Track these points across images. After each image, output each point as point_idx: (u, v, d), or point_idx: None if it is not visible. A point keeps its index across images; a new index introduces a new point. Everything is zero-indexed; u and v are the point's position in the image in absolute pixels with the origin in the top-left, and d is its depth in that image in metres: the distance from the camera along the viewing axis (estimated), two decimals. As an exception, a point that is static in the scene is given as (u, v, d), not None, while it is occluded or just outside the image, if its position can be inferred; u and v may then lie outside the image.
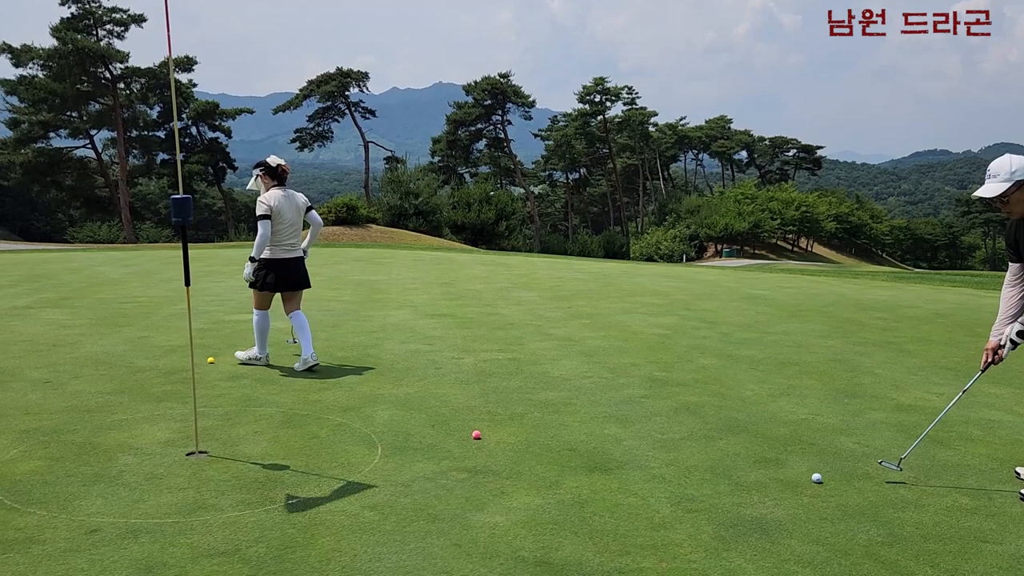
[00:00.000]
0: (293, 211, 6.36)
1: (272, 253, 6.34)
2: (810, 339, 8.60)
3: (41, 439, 4.44)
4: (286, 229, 6.32)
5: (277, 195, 6.30)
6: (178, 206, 4.16)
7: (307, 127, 70.04)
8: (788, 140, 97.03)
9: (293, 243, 6.41)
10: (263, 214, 6.21)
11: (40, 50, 51.68)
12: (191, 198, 4.32)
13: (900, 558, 3.19)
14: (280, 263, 6.34)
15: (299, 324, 6.43)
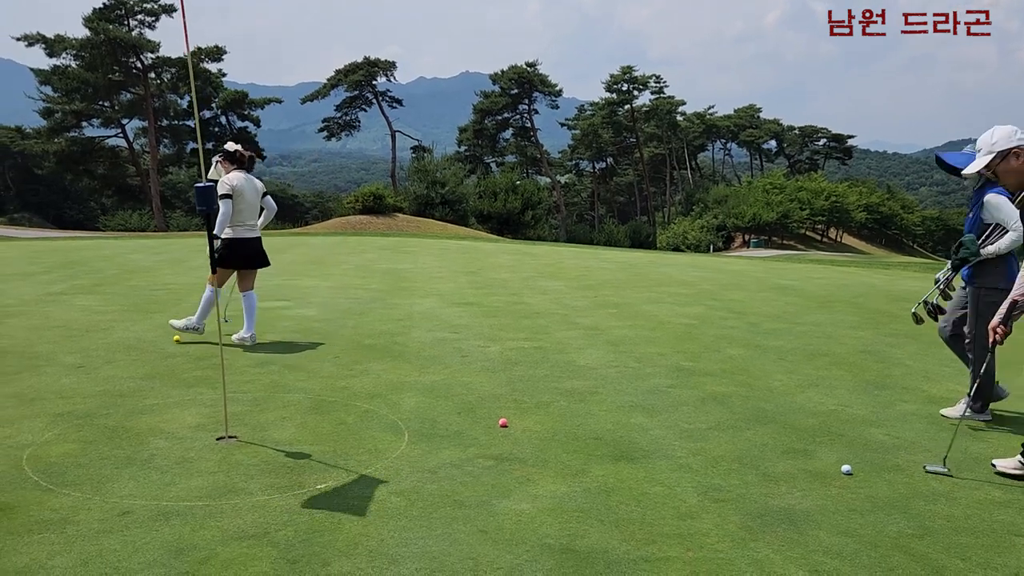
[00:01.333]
0: (253, 193, 6.76)
1: (235, 232, 6.68)
2: (840, 330, 8.50)
3: (75, 422, 4.52)
4: (247, 210, 6.70)
5: (239, 177, 6.69)
6: (202, 194, 4.21)
7: (335, 116, 70.35)
8: (818, 129, 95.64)
9: (253, 223, 6.80)
10: (225, 193, 6.52)
11: (73, 40, 52.42)
12: (214, 186, 4.37)
13: (930, 551, 3.15)
14: (241, 242, 6.71)
15: (249, 304, 6.86)
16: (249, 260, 6.87)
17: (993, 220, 4.71)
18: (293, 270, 13.41)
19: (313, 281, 11.76)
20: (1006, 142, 3.73)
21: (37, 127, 57.10)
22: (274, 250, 18.37)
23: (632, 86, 74.74)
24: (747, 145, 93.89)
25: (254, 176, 6.94)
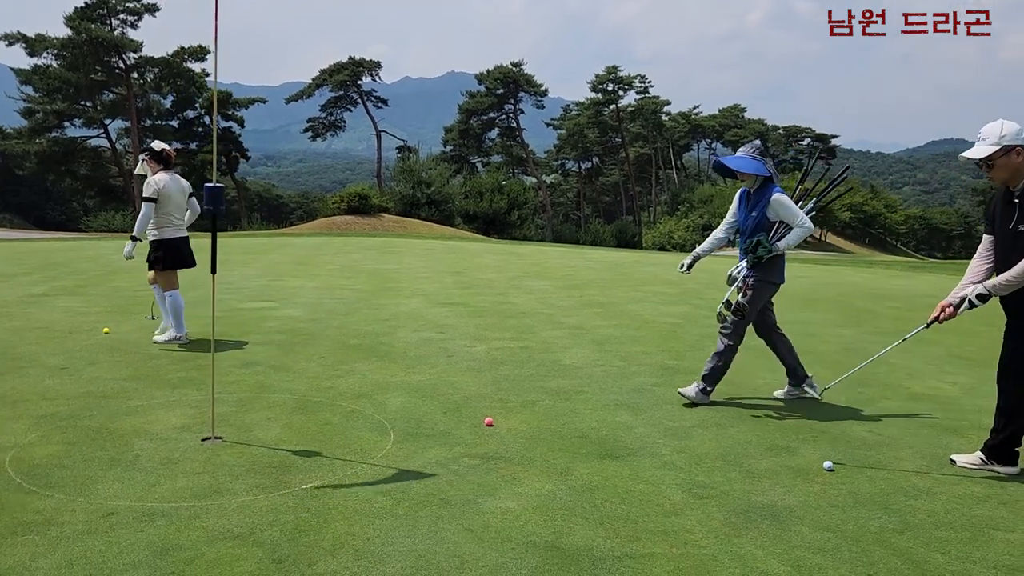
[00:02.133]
0: (179, 193, 6.72)
1: (163, 233, 6.68)
2: (824, 328, 8.57)
3: (58, 424, 4.50)
4: (174, 210, 6.70)
5: (164, 178, 6.65)
6: (212, 194, 4.21)
7: (319, 116, 70.08)
8: (802, 129, 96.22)
9: (180, 223, 6.79)
10: (149, 196, 6.55)
11: (54, 39, 51.94)
12: (223, 187, 4.38)
13: (911, 545, 3.19)
14: (171, 242, 6.71)
15: (175, 303, 6.81)
16: (180, 260, 6.82)
17: (779, 218, 5.01)
18: (278, 271, 13.37)
19: (298, 282, 11.73)
20: (1013, 138, 3.81)
21: (18, 127, 56.51)
22: (259, 251, 18.35)
23: (617, 86, 74.91)
24: (732, 145, 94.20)
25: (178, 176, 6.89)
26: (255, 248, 19.19)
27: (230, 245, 20.01)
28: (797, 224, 4.94)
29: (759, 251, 4.97)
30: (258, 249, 18.79)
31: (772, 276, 5.15)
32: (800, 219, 4.95)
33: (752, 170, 4.94)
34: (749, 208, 5.08)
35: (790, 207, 4.96)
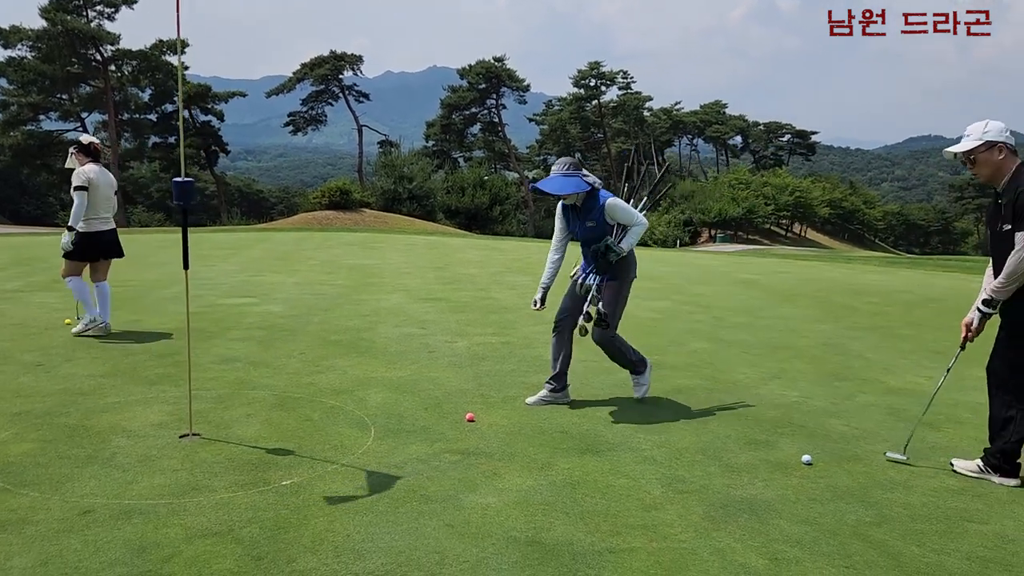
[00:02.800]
0: (107, 186, 6.80)
1: (89, 226, 6.74)
2: (802, 323, 8.64)
3: (33, 421, 4.44)
4: (101, 202, 6.75)
5: (94, 169, 6.73)
6: (181, 189, 4.14)
7: (300, 111, 69.63)
8: (783, 125, 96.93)
9: (107, 216, 6.86)
10: (80, 186, 6.60)
11: (29, 31, 51.20)
12: (193, 181, 4.31)
13: (888, 538, 3.23)
14: (95, 234, 6.77)
15: (103, 293, 6.92)
16: (103, 251, 6.90)
17: (616, 221, 4.99)
18: (258, 266, 13.27)
19: (278, 277, 11.65)
20: (996, 135, 3.86)
21: (-8, 120, 55.72)
22: (238, 246, 18.22)
23: (600, 81, 75.05)
24: (713, 141, 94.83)
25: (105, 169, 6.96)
26: (234, 243, 19.04)
27: (209, 240, 19.84)
28: (635, 223, 4.98)
29: (610, 256, 4.94)
30: (238, 244, 18.65)
31: (627, 274, 5.17)
32: (636, 218, 5.00)
33: (572, 190, 4.88)
34: (582, 219, 5.02)
35: (625, 209, 4.99)
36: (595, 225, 4.98)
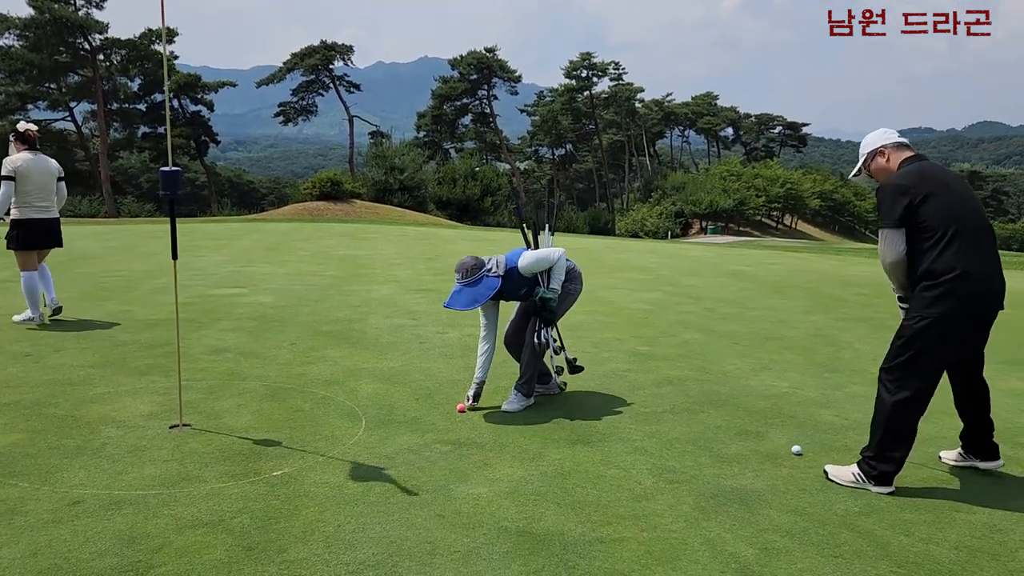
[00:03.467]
0: (43, 174, 6.73)
1: (23, 213, 6.69)
2: (792, 315, 8.67)
3: (22, 412, 4.42)
4: (34, 191, 6.69)
5: (24, 157, 6.67)
6: (167, 179, 4.10)
7: (291, 101, 69.35)
8: (774, 117, 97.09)
9: (44, 205, 6.77)
10: (5, 175, 6.58)
11: (17, 19, 50.75)
12: (180, 171, 4.28)
13: (876, 528, 3.25)
14: (31, 222, 6.72)
15: (43, 274, 6.91)
16: (42, 240, 6.85)
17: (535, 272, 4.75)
18: (249, 257, 13.23)
19: (269, 268, 11.62)
20: (872, 144, 3.90)
21: (-21, 109, 55.23)
22: (229, 236, 18.15)
23: (591, 72, 74.97)
24: (705, 132, 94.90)
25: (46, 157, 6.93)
26: (225, 234, 18.97)
27: (199, 231, 19.76)
28: (552, 261, 4.73)
29: (549, 304, 4.70)
30: (228, 235, 18.58)
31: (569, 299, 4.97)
32: (551, 256, 4.73)
33: (487, 296, 4.62)
34: (511, 292, 4.79)
35: (537, 257, 4.71)
36: (527, 290, 4.79)
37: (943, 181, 3.66)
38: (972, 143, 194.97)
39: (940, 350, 3.57)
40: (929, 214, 3.55)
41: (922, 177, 3.65)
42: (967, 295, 3.50)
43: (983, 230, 3.62)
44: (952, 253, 3.51)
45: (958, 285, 3.49)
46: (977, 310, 3.56)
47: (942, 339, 3.54)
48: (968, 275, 3.49)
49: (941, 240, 3.53)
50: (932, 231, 3.54)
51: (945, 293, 3.49)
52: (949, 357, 3.65)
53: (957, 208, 3.57)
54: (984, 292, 3.55)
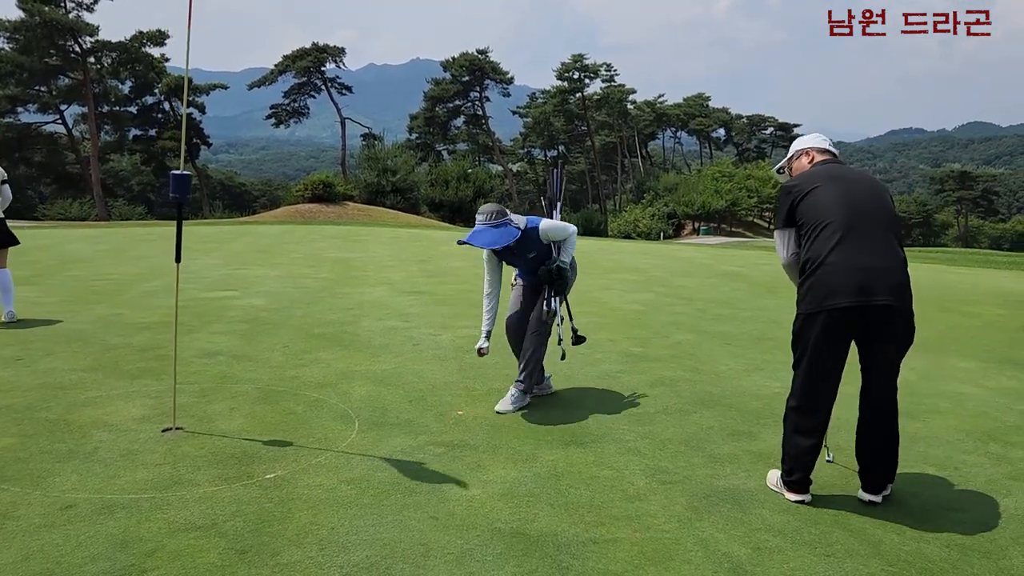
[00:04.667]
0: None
1: None
2: (785, 315, 8.68)
3: (13, 416, 4.40)
4: None
5: None
6: (178, 182, 4.08)
7: (283, 103, 69.25)
8: (765, 118, 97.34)
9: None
10: None
11: (6, 22, 50.57)
12: (190, 175, 4.27)
13: (868, 526, 3.26)
14: None
15: (3, 283, 7.21)
16: None
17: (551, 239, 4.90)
18: (241, 259, 13.20)
19: (261, 270, 11.59)
20: (802, 144, 3.91)
21: (-31, 112, 54.98)
22: (221, 239, 18.09)
23: (583, 74, 75.02)
24: (697, 134, 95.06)
25: None
26: (217, 236, 18.92)
27: (192, 233, 19.69)
28: (568, 234, 4.94)
29: (563, 273, 4.87)
30: (220, 237, 18.54)
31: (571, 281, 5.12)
32: (567, 229, 4.94)
33: (506, 242, 4.71)
34: (521, 252, 4.87)
35: (556, 226, 4.91)
36: (537, 253, 4.90)
37: (832, 176, 3.53)
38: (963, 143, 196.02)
39: (814, 349, 3.37)
40: (805, 209, 3.47)
41: (811, 176, 3.57)
42: (829, 285, 3.29)
43: (868, 221, 3.38)
44: (819, 243, 3.37)
45: (820, 275, 3.33)
46: (842, 302, 3.27)
47: (809, 336, 3.37)
48: (832, 265, 3.30)
49: (812, 232, 3.41)
50: (807, 225, 3.45)
51: (811, 286, 3.37)
52: (827, 357, 3.39)
53: (836, 200, 3.41)
54: (853, 283, 3.26)
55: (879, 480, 3.51)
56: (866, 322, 3.34)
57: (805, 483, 3.52)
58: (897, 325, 3.37)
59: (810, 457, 3.49)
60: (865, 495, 3.51)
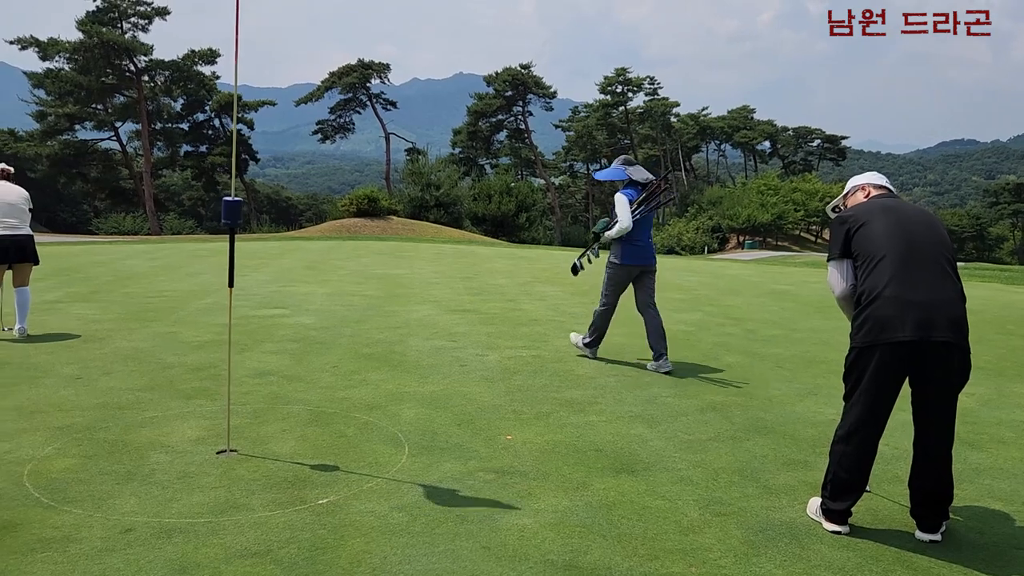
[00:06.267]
0: (11, 196, 7.42)
1: None
2: (837, 336, 8.51)
3: (74, 436, 4.51)
4: (2, 208, 7.31)
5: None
6: (230, 209, 4.16)
7: (329, 119, 70.36)
8: (812, 130, 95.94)
9: (12, 222, 7.37)
10: None
11: (66, 43, 52.31)
12: (242, 201, 4.34)
13: (932, 566, 3.16)
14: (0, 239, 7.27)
15: (21, 300, 7.43)
16: (9, 255, 7.34)
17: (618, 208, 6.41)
18: (289, 276, 13.39)
19: (309, 287, 11.74)
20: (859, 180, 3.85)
21: (30, 130, 56.93)
22: (269, 255, 18.38)
23: (626, 88, 74.95)
24: (741, 146, 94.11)
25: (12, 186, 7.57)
26: (266, 252, 19.24)
27: (241, 249, 20.05)
28: (620, 219, 6.37)
29: (596, 227, 6.68)
30: (269, 253, 18.84)
31: (612, 257, 6.62)
32: (621, 219, 6.37)
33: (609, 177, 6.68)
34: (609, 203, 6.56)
35: (618, 205, 6.40)
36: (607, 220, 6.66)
37: (887, 208, 3.50)
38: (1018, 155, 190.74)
39: (867, 384, 3.33)
40: (860, 240, 3.43)
41: (866, 208, 3.54)
42: (885, 319, 3.25)
43: (924, 254, 3.34)
44: (875, 276, 3.33)
45: (875, 308, 3.29)
46: (898, 337, 3.22)
47: (863, 370, 3.34)
48: (888, 298, 3.26)
49: (867, 264, 3.38)
50: (862, 257, 3.42)
51: (866, 319, 3.33)
52: (880, 393, 3.34)
53: (892, 232, 3.38)
54: (910, 318, 3.21)
55: (934, 520, 3.41)
56: (922, 359, 3.28)
57: (845, 515, 3.45)
58: (953, 363, 3.30)
59: (854, 491, 3.43)
60: (925, 535, 3.40)
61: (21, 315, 7.39)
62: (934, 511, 3.40)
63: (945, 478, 3.40)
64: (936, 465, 3.39)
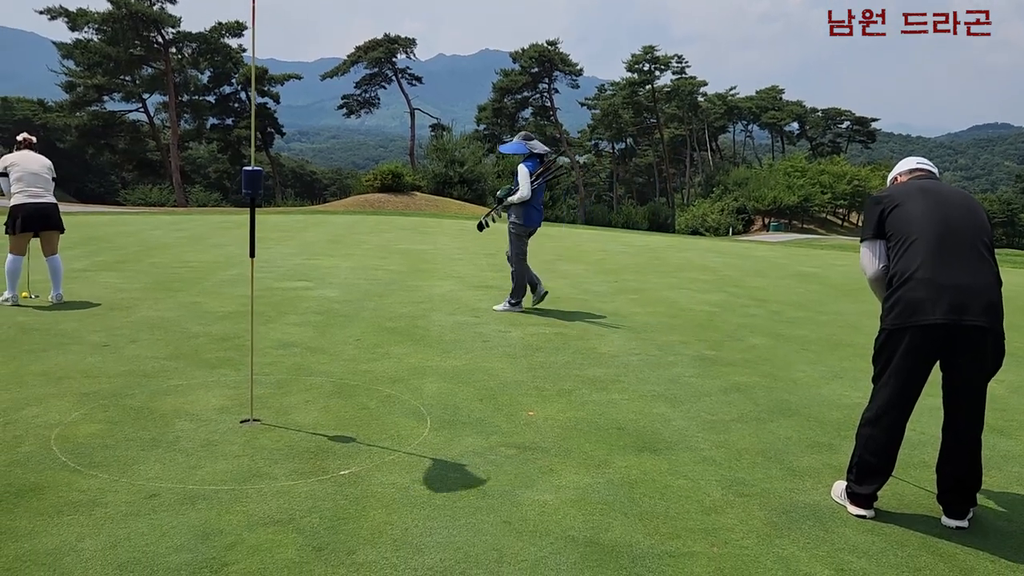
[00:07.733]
0: (35, 165, 7.49)
1: (17, 199, 7.40)
2: (863, 319, 8.41)
3: (101, 402, 4.56)
4: (26, 177, 7.41)
5: (15, 155, 7.58)
6: (250, 178, 4.16)
7: (354, 93, 70.26)
8: (841, 112, 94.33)
9: (36, 191, 7.44)
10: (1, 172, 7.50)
11: (95, 14, 52.55)
12: (262, 171, 4.34)
13: (958, 552, 3.12)
14: (24, 207, 7.37)
15: (53, 268, 7.61)
16: (36, 223, 7.46)
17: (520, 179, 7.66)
18: (313, 249, 13.45)
19: (333, 261, 11.79)
20: (903, 166, 3.76)
21: (59, 101, 57.48)
22: (294, 228, 18.49)
23: (653, 66, 73.99)
24: (769, 127, 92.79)
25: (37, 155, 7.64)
26: (290, 225, 19.33)
27: (265, 222, 20.16)
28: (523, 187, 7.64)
29: (499, 192, 7.85)
30: (293, 227, 18.93)
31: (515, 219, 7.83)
32: (521, 188, 7.66)
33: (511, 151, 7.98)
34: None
35: (520, 176, 7.68)
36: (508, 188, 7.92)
37: (924, 190, 3.43)
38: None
39: (896, 367, 3.28)
40: (894, 221, 3.37)
41: (904, 189, 3.47)
42: (916, 301, 3.19)
43: (961, 237, 3.28)
44: (908, 257, 3.27)
45: (907, 290, 3.24)
46: (930, 320, 3.17)
47: (893, 353, 3.29)
48: (921, 280, 3.20)
49: (901, 246, 3.32)
50: (895, 238, 3.35)
51: (897, 300, 3.27)
52: (909, 376, 3.28)
53: (928, 213, 3.32)
54: (943, 301, 3.15)
55: (961, 507, 3.36)
56: (954, 343, 3.22)
57: (871, 499, 3.41)
58: (987, 348, 3.23)
59: (880, 474, 3.39)
60: (951, 521, 3.35)
61: (55, 282, 7.57)
62: (962, 497, 3.35)
63: (975, 464, 3.34)
64: (966, 451, 3.34)
